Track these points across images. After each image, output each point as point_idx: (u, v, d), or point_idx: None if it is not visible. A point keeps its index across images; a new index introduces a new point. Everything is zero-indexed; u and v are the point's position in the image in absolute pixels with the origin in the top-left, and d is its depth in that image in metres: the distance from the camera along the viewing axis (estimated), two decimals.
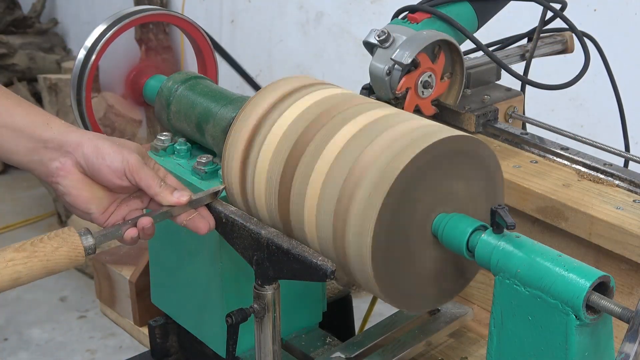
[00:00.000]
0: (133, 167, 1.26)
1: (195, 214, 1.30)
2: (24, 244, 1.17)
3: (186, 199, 1.28)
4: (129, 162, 1.26)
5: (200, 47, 1.70)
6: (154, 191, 1.27)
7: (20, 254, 1.15)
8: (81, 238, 1.19)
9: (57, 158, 1.26)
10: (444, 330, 1.50)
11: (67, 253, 1.18)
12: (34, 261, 1.16)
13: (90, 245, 1.20)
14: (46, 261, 1.17)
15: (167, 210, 1.27)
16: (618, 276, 1.40)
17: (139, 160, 1.27)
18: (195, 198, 1.30)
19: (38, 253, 1.16)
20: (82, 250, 1.19)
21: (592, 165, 1.52)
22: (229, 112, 1.46)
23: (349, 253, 1.18)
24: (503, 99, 1.70)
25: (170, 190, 1.28)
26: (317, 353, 1.50)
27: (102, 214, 1.28)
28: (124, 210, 1.30)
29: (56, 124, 1.28)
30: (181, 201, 1.27)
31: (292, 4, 3.95)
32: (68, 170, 1.26)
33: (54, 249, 1.17)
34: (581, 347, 1.09)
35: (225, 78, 4.04)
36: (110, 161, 1.25)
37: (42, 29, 5.44)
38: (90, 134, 1.28)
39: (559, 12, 1.69)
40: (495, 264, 1.14)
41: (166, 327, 1.65)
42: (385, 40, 1.54)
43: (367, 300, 1.99)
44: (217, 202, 1.33)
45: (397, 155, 1.15)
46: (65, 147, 1.26)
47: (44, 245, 1.17)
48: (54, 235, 1.19)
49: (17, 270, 1.15)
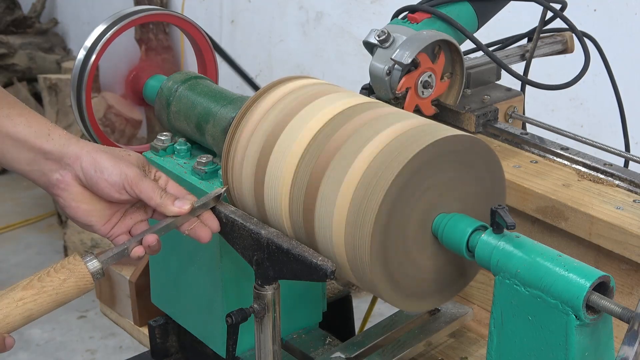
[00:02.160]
0: (132, 181, 1.25)
1: (196, 222, 1.28)
2: (31, 280, 1.16)
3: (188, 207, 1.26)
4: (128, 176, 1.25)
5: (200, 47, 1.70)
6: (155, 202, 1.26)
7: (28, 291, 1.15)
8: (87, 265, 1.19)
9: (57, 170, 1.26)
10: (444, 330, 1.49)
11: (75, 283, 1.18)
12: (44, 297, 1.16)
13: (98, 270, 1.19)
14: (55, 295, 1.17)
15: (171, 222, 1.26)
16: (618, 276, 1.40)
17: (138, 173, 1.26)
18: (198, 204, 1.28)
19: (46, 288, 1.16)
20: (89, 278, 1.19)
21: (592, 165, 1.52)
22: (229, 112, 1.46)
23: (349, 253, 1.18)
24: (503, 99, 1.70)
25: (171, 200, 1.26)
26: (317, 353, 1.50)
27: (104, 226, 1.28)
28: (129, 222, 1.29)
29: (57, 135, 1.27)
30: (183, 210, 1.26)
31: (292, 4, 3.95)
32: (67, 183, 1.26)
33: (62, 282, 1.17)
34: (581, 347, 1.09)
35: (225, 78, 4.03)
36: (108, 175, 1.24)
37: (42, 29, 5.44)
38: (90, 146, 1.27)
39: (559, 12, 1.69)
40: (495, 264, 1.14)
41: (166, 327, 1.65)
42: (385, 40, 1.54)
43: (367, 300, 1.99)
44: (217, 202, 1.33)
45: (396, 155, 1.15)
46: (65, 160, 1.25)
47: (51, 280, 1.17)
48: (60, 267, 1.18)
49: (28, 309, 1.15)
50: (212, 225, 1.30)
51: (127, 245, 1.24)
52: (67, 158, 1.25)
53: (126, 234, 1.29)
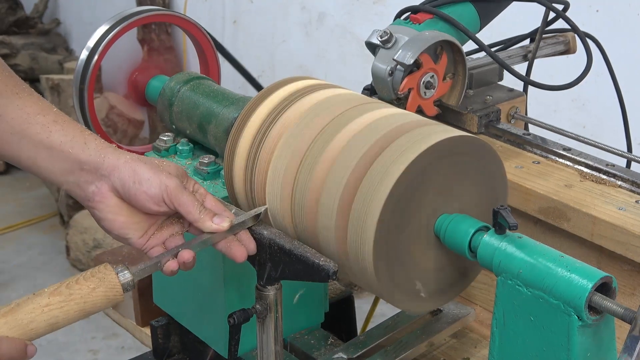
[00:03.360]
0: (172, 193, 1.19)
1: (234, 241, 1.23)
2: (59, 286, 1.12)
3: (227, 225, 1.21)
4: (168, 187, 1.19)
5: (202, 47, 1.70)
6: (193, 217, 1.20)
7: (55, 298, 1.10)
8: (118, 276, 1.14)
9: (93, 181, 1.20)
10: (446, 330, 1.49)
11: (104, 293, 1.13)
12: (71, 304, 1.11)
13: (129, 282, 1.15)
14: (83, 303, 1.12)
15: (207, 238, 1.21)
16: (620, 277, 1.40)
17: (178, 185, 1.20)
18: (237, 222, 1.23)
19: (74, 296, 1.11)
20: (120, 289, 1.14)
21: (594, 166, 1.52)
22: (231, 113, 1.46)
23: (351, 254, 1.18)
24: (505, 99, 1.70)
25: (210, 216, 1.21)
26: (319, 353, 1.50)
27: (140, 238, 1.22)
28: (164, 234, 1.24)
29: (93, 144, 1.21)
30: (222, 227, 1.21)
31: (295, 4, 3.95)
32: (104, 195, 1.20)
33: (91, 290, 1.12)
34: (583, 347, 1.09)
35: (228, 78, 4.03)
36: (148, 187, 1.19)
37: (45, 29, 5.44)
38: (127, 156, 1.21)
39: (561, 13, 1.68)
40: (498, 265, 1.14)
41: (168, 328, 1.65)
42: (387, 41, 1.54)
43: (369, 300, 1.99)
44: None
45: (399, 156, 1.15)
46: (101, 171, 1.19)
47: (79, 287, 1.12)
48: (90, 275, 1.13)
49: (53, 316, 1.10)
50: (248, 246, 1.24)
51: (160, 259, 1.19)
52: (104, 169, 1.19)
53: (161, 246, 1.23)
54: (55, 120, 1.21)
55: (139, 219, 1.22)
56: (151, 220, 1.23)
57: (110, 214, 1.21)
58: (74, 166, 1.20)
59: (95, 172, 1.20)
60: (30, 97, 1.22)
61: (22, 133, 1.19)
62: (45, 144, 1.20)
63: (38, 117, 1.20)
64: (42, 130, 1.20)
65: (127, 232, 1.22)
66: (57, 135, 1.20)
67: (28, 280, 3.87)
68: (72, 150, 1.20)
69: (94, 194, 1.20)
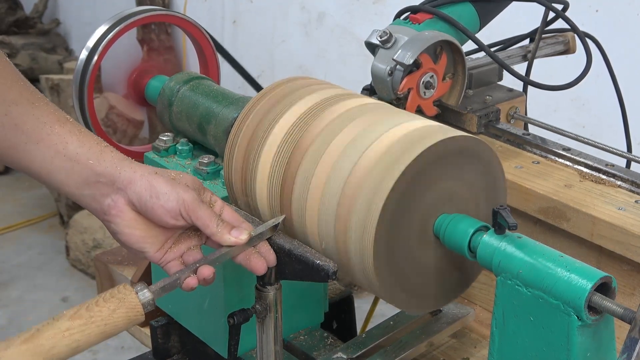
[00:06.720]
0: (189, 207, 1.17)
1: (253, 253, 1.21)
2: (79, 309, 1.10)
3: (246, 237, 1.19)
4: (185, 201, 1.17)
5: (202, 47, 1.70)
6: (211, 231, 1.18)
7: (76, 321, 1.08)
8: (138, 295, 1.12)
9: (109, 194, 1.17)
10: (445, 330, 1.49)
11: (125, 314, 1.11)
12: (92, 327, 1.09)
13: (149, 301, 1.13)
14: (104, 326, 1.10)
15: (226, 252, 1.19)
16: (620, 277, 1.40)
17: (195, 199, 1.18)
18: (255, 234, 1.21)
19: (95, 318, 1.09)
20: (140, 309, 1.12)
21: (594, 166, 1.52)
22: (230, 113, 1.47)
23: (351, 254, 1.18)
24: (505, 99, 1.70)
25: (228, 229, 1.19)
26: (318, 353, 1.50)
27: (157, 252, 1.20)
28: (182, 248, 1.21)
29: (109, 156, 1.18)
30: (240, 240, 1.19)
31: (294, 4, 3.95)
32: (120, 209, 1.17)
33: (111, 312, 1.10)
34: (583, 347, 1.09)
35: (227, 78, 4.04)
36: (165, 201, 1.16)
37: (44, 29, 5.44)
38: (143, 169, 1.19)
39: (561, 13, 1.69)
40: (497, 265, 1.14)
41: (168, 328, 1.65)
42: (387, 41, 1.54)
43: (369, 300, 1.99)
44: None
45: (398, 156, 1.15)
46: (117, 184, 1.17)
47: (99, 310, 1.10)
48: (110, 297, 1.11)
49: (75, 340, 1.08)
50: (268, 258, 1.22)
51: (180, 276, 1.17)
52: (120, 182, 1.17)
53: (178, 259, 1.21)
54: (72, 131, 1.18)
55: (155, 233, 1.20)
56: (168, 234, 1.21)
57: (127, 228, 1.19)
58: (90, 178, 1.18)
59: (111, 185, 1.17)
60: (47, 107, 1.20)
61: (39, 144, 1.17)
62: (61, 155, 1.17)
63: (55, 127, 1.18)
64: (58, 141, 1.17)
65: (144, 246, 1.19)
66: (73, 147, 1.17)
67: (27, 280, 3.87)
68: (88, 162, 1.17)
69: (110, 208, 1.18)
